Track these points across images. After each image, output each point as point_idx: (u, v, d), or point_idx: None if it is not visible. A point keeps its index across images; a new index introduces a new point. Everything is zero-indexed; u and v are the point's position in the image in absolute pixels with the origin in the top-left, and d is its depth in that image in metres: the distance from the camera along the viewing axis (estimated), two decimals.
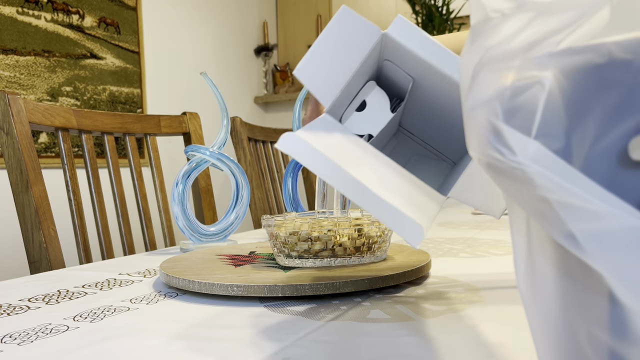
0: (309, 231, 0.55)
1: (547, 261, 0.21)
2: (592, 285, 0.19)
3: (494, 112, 0.18)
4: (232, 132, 1.38)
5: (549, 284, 0.21)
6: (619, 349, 0.18)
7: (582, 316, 0.19)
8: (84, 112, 1.03)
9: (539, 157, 0.18)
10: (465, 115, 0.20)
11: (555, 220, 0.17)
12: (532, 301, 0.22)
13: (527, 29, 0.19)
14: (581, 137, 0.18)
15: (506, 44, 0.19)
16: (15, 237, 1.68)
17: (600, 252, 0.17)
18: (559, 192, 0.17)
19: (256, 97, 3.02)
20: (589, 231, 0.17)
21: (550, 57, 0.18)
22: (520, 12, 0.19)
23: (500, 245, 0.77)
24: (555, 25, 0.18)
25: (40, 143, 1.91)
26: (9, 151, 0.86)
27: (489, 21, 0.20)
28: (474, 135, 0.20)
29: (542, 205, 0.17)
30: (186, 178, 0.81)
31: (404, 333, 0.38)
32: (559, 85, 0.18)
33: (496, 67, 0.19)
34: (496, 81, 0.18)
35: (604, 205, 0.16)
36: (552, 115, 0.18)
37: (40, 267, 0.84)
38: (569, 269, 0.20)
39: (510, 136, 0.18)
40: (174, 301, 0.49)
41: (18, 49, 1.85)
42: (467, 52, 0.21)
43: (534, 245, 0.21)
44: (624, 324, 0.18)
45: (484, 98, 0.19)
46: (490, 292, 0.50)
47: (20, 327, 0.42)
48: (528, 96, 0.18)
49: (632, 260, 0.16)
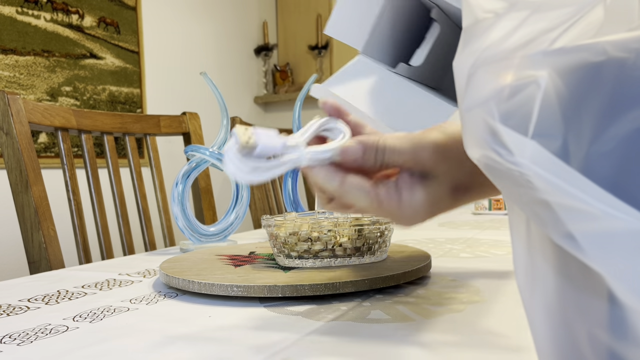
0: (309, 231, 0.55)
1: (546, 262, 0.20)
2: (591, 286, 0.19)
3: (491, 113, 0.18)
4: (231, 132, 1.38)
5: (548, 285, 0.21)
6: (619, 349, 0.18)
7: (582, 316, 0.19)
8: (84, 112, 1.03)
9: (537, 157, 0.17)
10: (462, 117, 0.20)
11: (555, 221, 0.17)
12: (532, 301, 0.22)
13: (520, 29, 0.19)
14: (578, 136, 0.18)
15: (500, 45, 0.19)
16: (14, 237, 1.68)
17: (600, 253, 0.17)
18: (557, 193, 0.17)
19: (256, 97, 3.02)
20: (588, 232, 0.17)
21: (545, 57, 0.18)
22: (514, 11, 0.19)
23: (501, 245, 0.77)
24: (549, 24, 0.18)
25: (39, 143, 1.91)
26: (8, 151, 0.86)
27: (482, 22, 0.20)
28: (471, 137, 0.19)
29: (541, 207, 0.17)
30: (186, 178, 0.81)
31: (404, 333, 0.38)
32: (554, 84, 0.18)
33: (491, 67, 0.19)
34: (492, 82, 0.18)
35: (603, 206, 0.16)
36: (549, 114, 0.18)
37: (40, 267, 0.84)
38: (568, 270, 0.20)
39: (507, 136, 0.18)
40: (174, 301, 0.49)
41: (17, 48, 1.85)
42: (461, 54, 0.21)
43: (534, 246, 0.21)
44: (623, 324, 0.18)
45: (480, 99, 0.19)
46: (491, 292, 0.50)
47: (20, 327, 0.42)
48: (524, 96, 0.18)
49: (632, 260, 0.16)
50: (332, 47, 2.89)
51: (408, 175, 0.34)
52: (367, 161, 0.34)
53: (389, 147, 0.34)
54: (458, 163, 0.33)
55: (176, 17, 2.53)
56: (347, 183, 0.34)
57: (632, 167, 0.17)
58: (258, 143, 0.33)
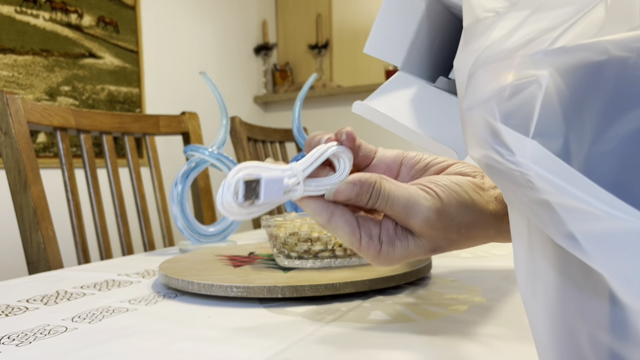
0: (309, 232, 0.55)
1: (547, 262, 0.20)
2: (592, 286, 0.19)
3: (491, 113, 0.18)
4: (231, 132, 1.38)
5: (549, 285, 0.21)
6: (620, 349, 0.18)
7: (583, 317, 0.19)
8: (83, 112, 1.03)
9: (538, 157, 0.17)
10: (463, 116, 0.20)
11: (556, 221, 0.17)
12: (533, 302, 0.22)
13: (521, 28, 0.19)
14: (579, 136, 0.18)
15: (501, 44, 0.19)
16: (13, 237, 1.68)
17: (601, 253, 0.16)
18: (558, 193, 0.17)
19: (256, 97, 3.02)
20: (589, 232, 0.17)
21: (546, 56, 0.18)
22: (514, 11, 0.19)
23: (502, 245, 0.77)
24: (550, 23, 0.18)
25: (38, 143, 1.91)
26: (7, 151, 0.86)
27: (483, 21, 0.20)
28: (472, 136, 0.19)
29: (542, 207, 0.17)
30: (185, 178, 0.81)
31: (404, 334, 0.38)
32: (555, 84, 0.18)
33: (492, 67, 0.19)
34: (492, 81, 0.18)
35: (604, 206, 0.16)
36: (550, 114, 0.18)
37: (39, 267, 0.84)
38: (569, 270, 0.20)
39: (508, 136, 0.18)
40: (173, 302, 0.49)
41: (16, 48, 1.85)
42: (462, 54, 0.21)
43: (535, 247, 0.21)
44: (624, 324, 0.18)
45: (480, 98, 0.18)
46: (492, 293, 0.50)
47: (19, 328, 0.42)
48: (525, 95, 0.18)
49: (633, 261, 0.16)
50: (332, 47, 2.89)
51: (392, 226, 0.36)
52: (358, 202, 0.35)
53: (383, 193, 0.34)
54: (444, 232, 0.35)
55: (176, 17, 2.53)
56: (334, 221, 0.35)
57: (633, 167, 0.17)
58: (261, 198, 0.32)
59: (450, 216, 0.34)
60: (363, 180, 0.35)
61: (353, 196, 0.35)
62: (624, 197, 0.16)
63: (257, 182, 0.32)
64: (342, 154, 0.36)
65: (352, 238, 0.35)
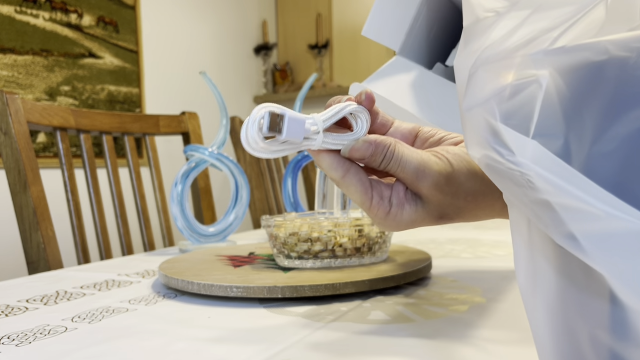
0: (309, 232, 0.54)
1: (547, 262, 0.20)
2: (592, 286, 0.19)
3: (492, 112, 0.18)
4: (231, 132, 1.38)
5: (549, 285, 0.21)
6: (620, 349, 0.18)
7: (583, 317, 0.19)
8: (82, 112, 1.03)
9: (538, 157, 0.17)
10: (463, 116, 0.20)
11: (556, 221, 0.17)
12: (533, 302, 0.22)
13: (521, 28, 0.19)
14: (579, 136, 0.18)
15: (501, 44, 0.19)
16: (13, 237, 1.68)
17: (601, 253, 0.16)
18: (558, 193, 0.17)
19: (256, 97, 3.02)
20: (589, 232, 0.17)
21: (546, 56, 0.18)
22: (515, 11, 0.19)
23: (502, 246, 0.77)
24: (550, 23, 0.18)
25: (38, 143, 1.91)
26: (6, 151, 0.86)
27: (483, 21, 0.20)
28: (472, 136, 0.19)
29: (542, 207, 0.17)
30: (185, 178, 0.81)
31: (404, 334, 0.38)
32: (555, 84, 0.18)
33: (492, 67, 0.19)
34: (492, 81, 0.18)
35: (605, 206, 0.16)
36: (550, 114, 0.18)
37: (39, 267, 0.84)
38: (569, 270, 0.20)
39: (508, 136, 0.18)
40: (173, 302, 0.49)
41: (16, 48, 1.85)
42: (462, 54, 0.21)
43: (535, 247, 0.21)
44: (624, 325, 0.18)
45: (480, 98, 0.18)
46: (492, 293, 0.49)
47: (18, 328, 0.42)
48: (525, 95, 0.18)
49: (633, 261, 0.16)
50: (332, 47, 2.89)
51: (402, 190, 0.36)
52: (372, 163, 0.36)
53: (397, 155, 0.35)
54: (452, 198, 0.35)
55: (175, 16, 2.53)
56: (348, 177, 0.36)
57: (633, 167, 0.17)
58: (283, 134, 0.33)
59: (459, 182, 0.35)
60: (379, 141, 0.35)
61: (368, 155, 0.35)
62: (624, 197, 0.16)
63: (281, 118, 0.33)
64: (361, 114, 0.37)
65: (364, 197, 0.35)
